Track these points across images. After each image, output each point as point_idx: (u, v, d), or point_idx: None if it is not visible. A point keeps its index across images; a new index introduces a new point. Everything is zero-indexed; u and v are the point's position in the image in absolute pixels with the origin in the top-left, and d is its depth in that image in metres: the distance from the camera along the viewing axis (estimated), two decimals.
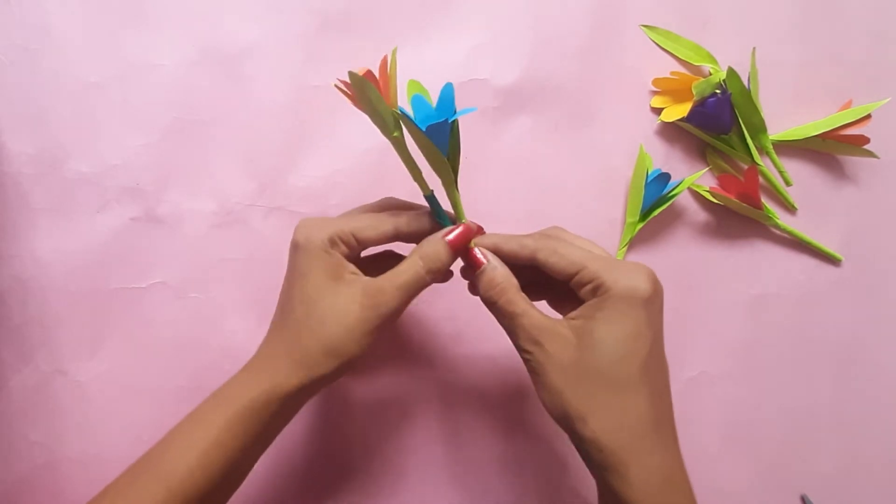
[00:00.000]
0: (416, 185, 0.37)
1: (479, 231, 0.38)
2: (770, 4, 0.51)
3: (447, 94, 0.34)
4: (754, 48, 0.49)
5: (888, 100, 0.49)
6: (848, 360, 0.50)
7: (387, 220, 0.37)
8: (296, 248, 0.36)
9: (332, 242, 0.35)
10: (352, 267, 0.36)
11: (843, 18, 0.51)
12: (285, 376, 0.34)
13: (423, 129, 0.33)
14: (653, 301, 0.32)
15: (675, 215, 0.51)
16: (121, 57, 0.49)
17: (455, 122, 0.34)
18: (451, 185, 0.36)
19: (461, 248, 0.36)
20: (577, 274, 0.33)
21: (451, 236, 0.36)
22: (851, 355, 0.50)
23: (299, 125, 0.50)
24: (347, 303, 0.34)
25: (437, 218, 0.37)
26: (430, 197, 0.36)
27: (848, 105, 0.50)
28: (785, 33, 0.51)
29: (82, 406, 0.48)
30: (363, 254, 0.39)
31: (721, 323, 0.50)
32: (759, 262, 0.50)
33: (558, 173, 0.50)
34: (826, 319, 0.50)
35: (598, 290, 0.32)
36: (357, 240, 0.36)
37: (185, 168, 0.49)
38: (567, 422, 0.32)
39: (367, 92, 0.34)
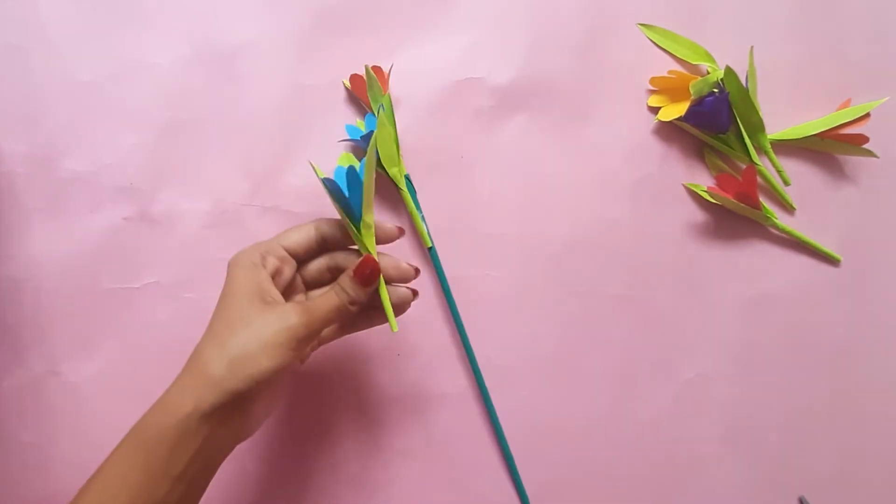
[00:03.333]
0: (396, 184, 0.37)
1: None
2: (768, 2, 0.51)
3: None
4: (752, 47, 0.48)
5: (887, 98, 0.49)
6: (846, 360, 0.50)
7: (308, 224, 0.39)
8: (228, 269, 0.37)
9: (262, 257, 0.37)
10: (274, 291, 0.36)
11: (842, 16, 0.51)
12: (187, 395, 0.33)
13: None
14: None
15: (672, 215, 0.50)
16: (115, 55, 0.49)
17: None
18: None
19: (367, 278, 0.37)
20: None
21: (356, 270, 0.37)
22: (850, 356, 0.50)
23: (294, 124, 0.49)
24: (261, 316, 0.34)
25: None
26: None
27: (847, 104, 0.50)
28: (783, 32, 0.51)
29: (75, 407, 0.48)
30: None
31: (719, 324, 0.50)
32: (757, 262, 0.50)
33: (554, 172, 0.50)
34: (825, 320, 0.50)
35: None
36: (285, 248, 0.38)
37: (180, 167, 0.49)
38: None
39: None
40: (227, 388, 0.33)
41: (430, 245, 0.48)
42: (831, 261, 0.50)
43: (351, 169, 0.37)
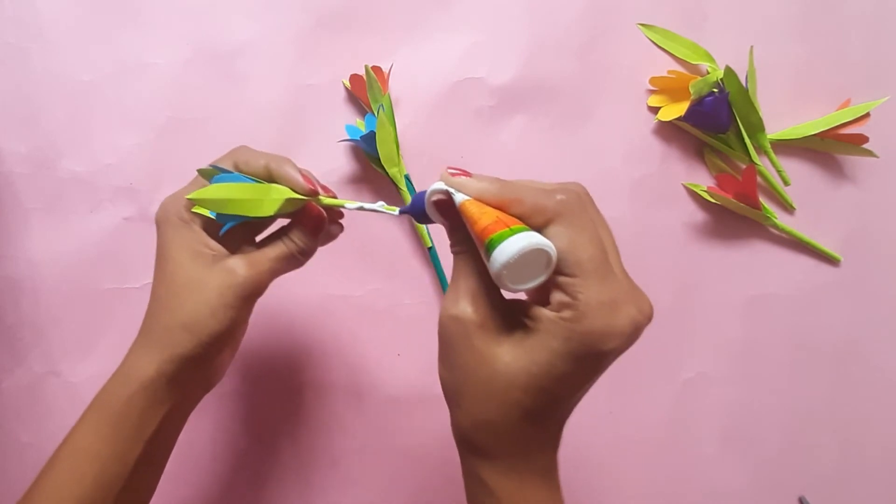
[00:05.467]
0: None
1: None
2: (768, 3, 0.51)
3: None
4: (752, 47, 0.48)
5: (887, 98, 0.49)
6: (846, 361, 0.50)
7: (227, 156, 0.35)
8: (157, 226, 0.35)
9: (188, 209, 0.34)
10: (213, 243, 0.34)
11: (842, 17, 0.51)
12: (147, 362, 0.33)
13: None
14: (619, 351, 0.27)
15: (672, 215, 0.50)
16: (114, 55, 0.49)
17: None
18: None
19: (316, 226, 0.35)
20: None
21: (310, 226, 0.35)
22: (850, 356, 0.50)
23: (293, 124, 0.49)
24: (205, 277, 0.33)
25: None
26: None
27: (847, 104, 0.50)
28: (783, 32, 0.51)
29: (75, 408, 0.46)
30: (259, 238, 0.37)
31: (719, 324, 0.50)
32: (757, 262, 0.50)
33: (554, 173, 0.50)
34: (825, 320, 0.50)
35: (565, 308, 0.26)
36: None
37: (180, 167, 0.48)
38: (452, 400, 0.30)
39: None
40: (183, 353, 0.33)
41: (430, 245, 0.48)
42: (831, 261, 0.50)
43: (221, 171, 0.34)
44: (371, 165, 0.49)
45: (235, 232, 0.35)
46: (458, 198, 0.29)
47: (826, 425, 0.49)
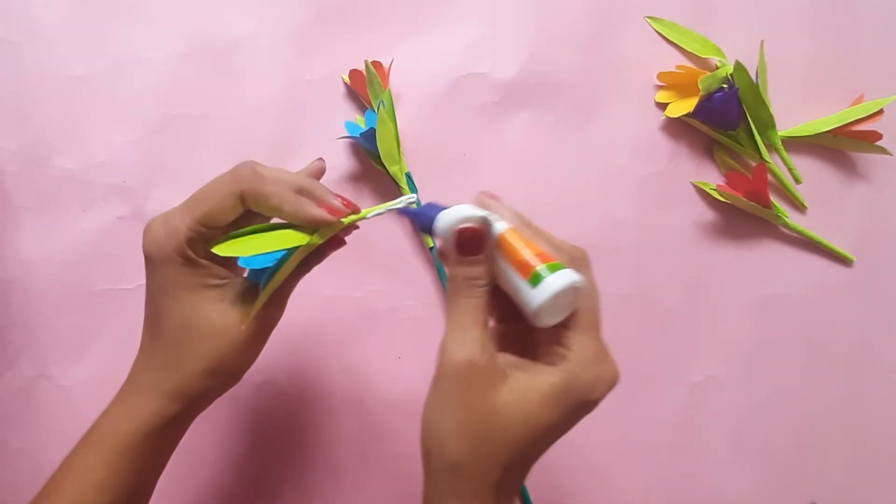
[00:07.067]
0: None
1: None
2: None
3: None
4: (763, 41, 0.47)
5: None
6: (859, 363, 0.49)
7: (220, 183, 0.32)
8: (148, 261, 0.32)
9: (188, 240, 0.31)
10: (220, 270, 0.32)
11: (855, 11, 0.50)
12: (167, 402, 0.32)
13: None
14: (592, 406, 0.29)
15: (681, 214, 0.49)
16: (107, 50, 0.48)
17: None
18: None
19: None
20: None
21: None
22: (863, 358, 0.49)
23: (291, 121, 0.49)
24: (225, 314, 0.31)
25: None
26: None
27: (860, 100, 0.49)
28: (795, 26, 0.50)
29: (67, 412, 0.46)
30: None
31: (729, 325, 0.49)
32: (767, 262, 0.49)
33: (560, 170, 0.49)
34: (837, 321, 0.49)
35: (560, 359, 0.28)
36: (201, 224, 0.31)
37: (174, 165, 0.48)
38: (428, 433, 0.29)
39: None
40: (207, 395, 0.33)
41: (431, 246, 0.47)
42: (844, 261, 0.49)
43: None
44: (371, 163, 0.48)
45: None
46: (500, 227, 0.29)
47: (839, 429, 0.48)
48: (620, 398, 0.47)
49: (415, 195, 0.33)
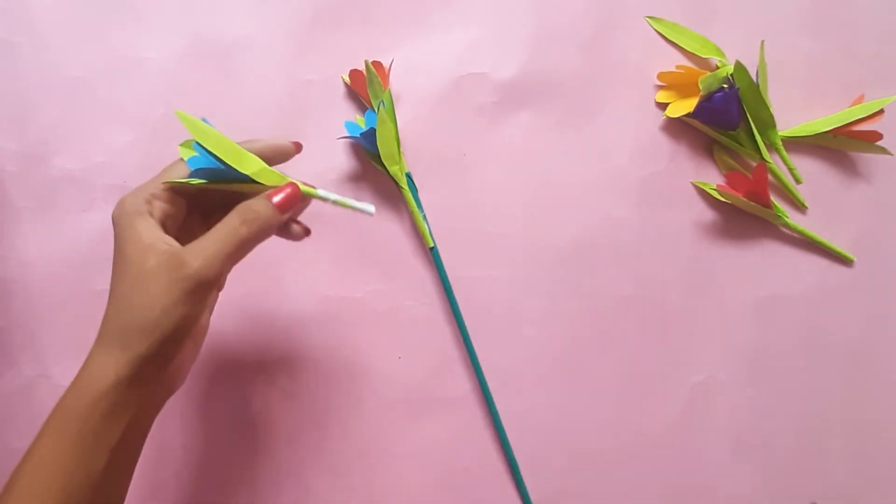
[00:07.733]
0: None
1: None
2: None
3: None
4: (763, 41, 0.47)
5: None
6: (860, 363, 0.49)
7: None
8: (113, 223, 0.34)
9: (148, 202, 0.33)
10: (168, 237, 0.33)
11: (855, 10, 0.50)
12: (105, 367, 0.32)
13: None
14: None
15: (681, 214, 0.49)
16: (107, 50, 0.48)
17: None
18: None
19: (285, 203, 0.34)
20: None
21: (277, 197, 0.34)
22: (864, 359, 0.49)
23: (291, 121, 0.48)
24: (154, 273, 0.32)
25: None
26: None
27: (860, 100, 0.49)
28: (795, 26, 0.50)
29: None
30: None
31: (729, 325, 0.49)
32: (768, 262, 0.49)
33: (559, 170, 0.49)
34: (838, 322, 0.49)
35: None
36: (171, 189, 0.34)
37: None
38: None
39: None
40: (140, 355, 0.31)
41: (431, 245, 0.47)
42: (844, 261, 0.49)
43: (197, 146, 0.35)
44: (371, 163, 0.48)
45: (194, 224, 0.35)
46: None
47: (840, 430, 0.48)
48: (621, 398, 0.48)
49: (373, 208, 0.36)
